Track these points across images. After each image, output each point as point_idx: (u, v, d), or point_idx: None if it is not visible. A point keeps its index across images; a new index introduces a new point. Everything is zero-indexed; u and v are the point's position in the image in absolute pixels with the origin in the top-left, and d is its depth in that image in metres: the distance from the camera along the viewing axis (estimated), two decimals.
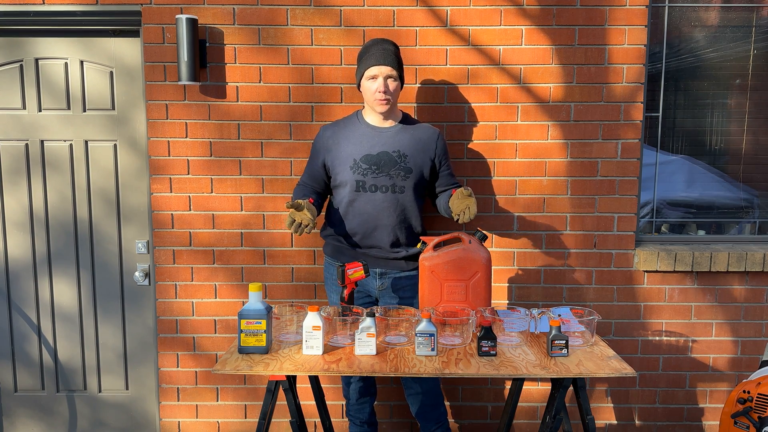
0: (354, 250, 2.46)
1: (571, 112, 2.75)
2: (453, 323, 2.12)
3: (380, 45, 2.35)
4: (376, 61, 2.31)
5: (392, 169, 2.37)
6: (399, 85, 2.37)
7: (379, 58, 2.31)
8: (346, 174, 2.38)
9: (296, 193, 2.50)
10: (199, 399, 2.91)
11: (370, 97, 2.35)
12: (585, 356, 2.03)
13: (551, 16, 2.69)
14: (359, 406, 2.61)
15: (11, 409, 3.02)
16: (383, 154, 2.38)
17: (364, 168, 2.37)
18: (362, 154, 2.37)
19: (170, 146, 2.75)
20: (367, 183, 2.37)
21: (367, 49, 2.36)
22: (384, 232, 2.40)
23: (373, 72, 2.31)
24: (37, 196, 2.88)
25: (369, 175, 2.37)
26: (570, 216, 2.81)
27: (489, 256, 2.28)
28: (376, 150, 2.38)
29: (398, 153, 2.38)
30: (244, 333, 2.00)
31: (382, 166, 2.37)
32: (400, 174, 2.38)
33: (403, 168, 2.38)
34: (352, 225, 2.42)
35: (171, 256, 2.82)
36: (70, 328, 2.96)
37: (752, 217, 3.01)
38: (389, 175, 2.37)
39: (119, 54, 2.80)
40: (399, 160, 2.38)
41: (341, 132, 2.44)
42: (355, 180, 2.37)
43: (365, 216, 2.39)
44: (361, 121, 2.45)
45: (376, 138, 2.40)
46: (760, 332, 2.90)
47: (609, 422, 2.96)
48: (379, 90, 2.31)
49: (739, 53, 2.90)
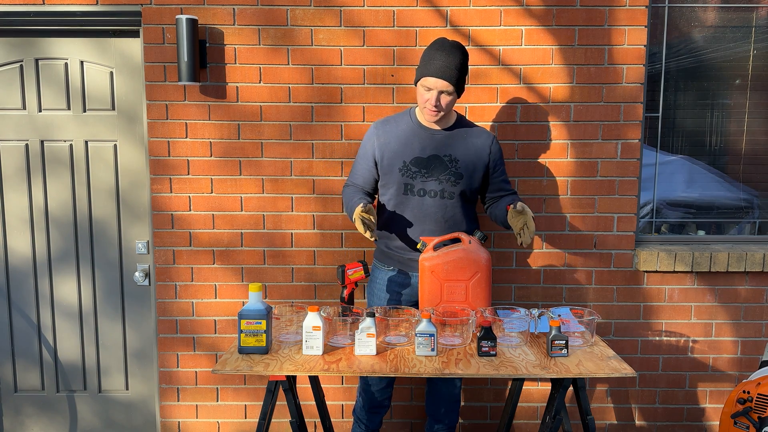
0: (400, 255, 2.40)
1: (571, 113, 2.75)
2: (453, 323, 2.12)
3: (445, 55, 2.19)
4: (435, 72, 2.17)
5: (442, 174, 2.30)
6: (455, 98, 2.24)
7: (438, 70, 2.17)
8: (394, 175, 2.31)
9: (348, 194, 2.38)
10: (199, 399, 2.91)
11: (421, 104, 2.27)
12: (585, 356, 2.04)
13: (551, 17, 2.69)
14: (372, 414, 2.57)
15: (11, 408, 3.02)
16: (434, 157, 2.30)
17: (414, 171, 2.30)
18: (413, 156, 2.30)
19: (170, 146, 2.75)
20: (415, 187, 2.30)
21: (431, 55, 2.21)
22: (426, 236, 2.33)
23: (429, 83, 2.19)
24: (37, 196, 2.88)
25: (418, 179, 2.30)
26: (570, 216, 2.81)
27: (489, 256, 2.28)
28: (427, 153, 2.30)
29: (449, 157, 2.30)
30: (244, 333, 2.00)
31: (432, 170, 2.30)
32: (450, 179, 2.30)
33: (453, 173, 2.30)
34: (398, 229, 2.35)
35: (171, 256, 2.82)
36: (70, 328, 2.96)
37: (752, 217, 3.01)
38: (439, 179, 2.30)
39: (119, 54, 2.80)
40: (450, 165, 2.30)
41: (392, 130, 2.35)
42: (404, 183, 2.30)
43: (412, 220, 2.32)
44: (413, 120, 2.36)
45: (427, 140, 2.32)
46: (760, 332, 2.90)
47: (609, 422, 2.96)
48: (431, 103, 2.21)
49: (739, 53, 2.90)
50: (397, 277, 2.43)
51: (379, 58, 2.70)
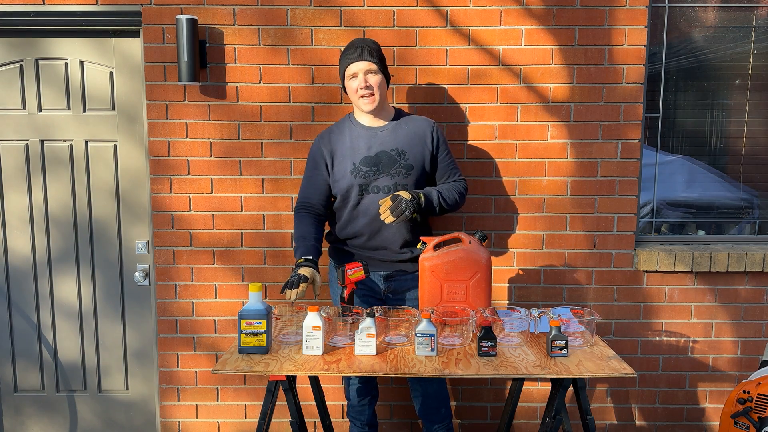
0: (359, 254, 2.43)
1: (571, 113, 2.75)
2: (453, 323, 2.12)
3: (357, 43, 2.33)
4: (353, 58, 2.28)
5: (393, 168, 2.34)
6: (382, 79, 2.31)
7: (355, 55, 2.28)
8: (347, 179, 2.34)
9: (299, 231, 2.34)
10: (199, 399, 2.91)
11: (355, 97, 2.32)
12: (585, 356, 2.04)
13: (551, 17, 2.69)
14: (360, 407, 2.60)
15: (11, 408, 3.02)
16: (382, 153, 2.35)
17: (365, 171, 2.34)
18: (360, 156, 2.34)
19: (170, 146, 2.75)
20: (369, 185, 2.34)
21: (345, 52, 2.35)
22: (389, 233, 2.37)
23: (352, 70, 2.29)
24: (37, 196, 2.88)
25: (370, 177, 2.34)
26: (570, 216, 2.81)
27: (489, 256, 2.28)
28: (374, 150, 2.35)
29: (396, 151, 2.35)
30: (244, 333, 2.00)
31: (382, 166, 2.34)
32: (402, 172, 2.35)
33: (403, 166, 2.35)
34: (357, 228, 2.39)
35: (171, 256, 2.82)
36: (70, 328, 2.96)
37: (752, 217, 3.01)
38: (390, 174, 2.34)
39: (119, 54, 2.80)
40: (399, 158, 2.35)
41: (336, 137, 2.40)
42: (358, 184, 2.34)
43: (369, 218, 2.36)
44: (354, 123, 2.41)
45: (371, 138, 2.37)
46: (760, 332, 2.90)
47: (609, 422, 2.96)
48: (360, 86, 2.27)
49: (739, 53, 2.90)
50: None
51: None
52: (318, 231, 2.37)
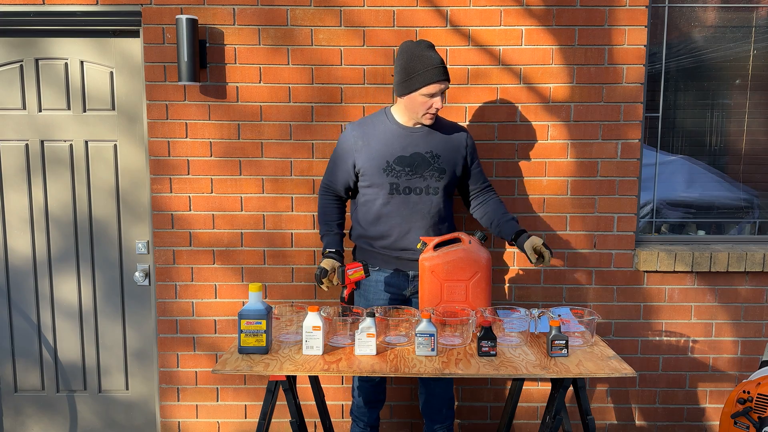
0: (385, 254, 2.41)
1: (571, 113, 2.75)
2: (453, 323, 2.12)
3: (435, 55, 2.21)
4: (439, 78, 2.20)
5: (426, 170, 2.33)
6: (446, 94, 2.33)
7: (440, 72, 2.20)
8: (378, 176, 2.32)
9: (324, 214, 2.44)
10: (199, 399, 2.91)
11: (420, 111, 2.26)
12: (585, 356, 2.04)
13: (551, 17, 2.69)
14: (367, 409, 2.58)
15: (11, 408, 3.02)
16: (416, 155, 2.33)
17: (398, 170, 2.32)
18: (395, 155, 2.32)
19: (170, 146, 2.75)
20: (401, 185, 2.32)
21: (422, 59, 2.21)
22: (419, 234, 2.36)
23: (432, 91, 2.21)
24: (37, 196, 2.88)
25: (403, 177, 2.32)
26: (570, 216, 2.81)
27: (489, 256, 2.28)
28: (409, 151, 2.33)
29: (431, 154, 2.34)
30: (244, 333, 2.00)
31: (416, 167, 2.32)
32: (434, 175, 2.34)
33: (437, 169, 2.34)
34: (385, 228, 2.36)
35: (171, 256, 2.82)
36: (70, 328, 2.96)
37: (752, 217, 3.01)
38: (423, 176, 2.33)
39: (119, 54, 2.80)
40: (432, 162, 2.33)
41: (371, 131, 2.36)
42: (389, 183, 2.32)
43: (399, 219, 2.34)
44: (391, 120, 2.37)
45: (408, 138, 2.34)
46: (760, 332, 2.90)
47: (609, 422, 2.96)
48: (436, 107, 2.24)
49: (739, 53, 2.90)
50: (384, 276, 2.43)
51: (379, 58, 2.70)
52: (341, 215, 2.47)
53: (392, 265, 2.42)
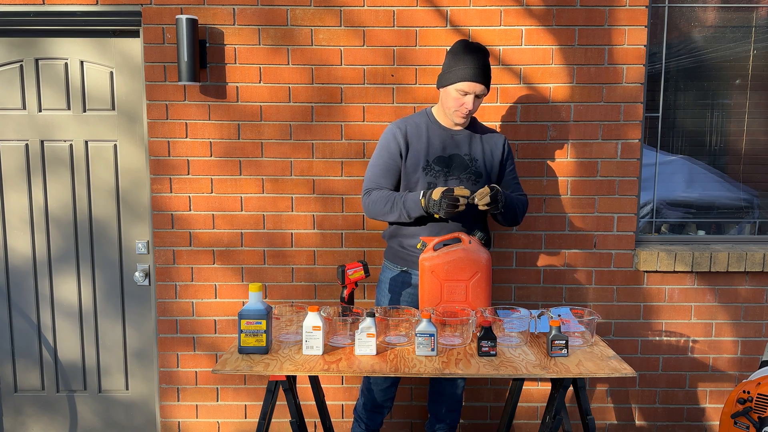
0: (416, 256, 2.38)
1: (571, 113, 2.75)
2: (453, 323, 2.12)
3: (478, 57, 2.23)
4: (473, 77, 2.20)
5: (463, 172, 2.34)
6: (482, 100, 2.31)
7: (477, 74, 2.21)
8: (417, 174, 2.33)
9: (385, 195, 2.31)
10: (199, 399, 2.91)
11: (452, 108, 2.27)
12: (585, 356, 2.04)
13: (551, 17, 2.69)
14: (373, 414, 2.57)
15: (11, 408, 3.02)
16: (455, 156, 2.34)
17: (437, 170, 2.32)
18: (435, 155, 2.33)
19: (170, 146, 2.76)
20: (437, 185, 2.32)
21: (462, 58, 2.23)
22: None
23: (465, 88, 2.22)
24: (37, 196, 2.88)
25: (440, 178, 2.32)
26: (570, 216, 2.81)
27: (489, 256, 2.28)
28: (449, 152, 2.34)
29: (469, 156, 2.35)
30: (244, 333, 2.00)
31: (453, 168, 2.33)
32: (471, 178, 2.34)
33: (473, 172, 2.35)
34: (420, 229, 2.36)
35: (171, 256, 2.82)
36: (70, 328, 2.96)
37: (752, 217, 3.01)
38: (459, 178, 2.34)
39: (119, 54, 2.80)
40: (470, 164, 2.35)
41: (413, 131, 2.37)
42: (427, 182, 2.33)
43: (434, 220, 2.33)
44: (432, 121, 2.39)
45: (448, 139, 2.35)
46: (760, 332, 2.90)
47: (609, 422, 2.96)
48: (467, 107, 2.24)
49: (739, 53, 2.90)
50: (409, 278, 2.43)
51: (379, 58, 2.70)
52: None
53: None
